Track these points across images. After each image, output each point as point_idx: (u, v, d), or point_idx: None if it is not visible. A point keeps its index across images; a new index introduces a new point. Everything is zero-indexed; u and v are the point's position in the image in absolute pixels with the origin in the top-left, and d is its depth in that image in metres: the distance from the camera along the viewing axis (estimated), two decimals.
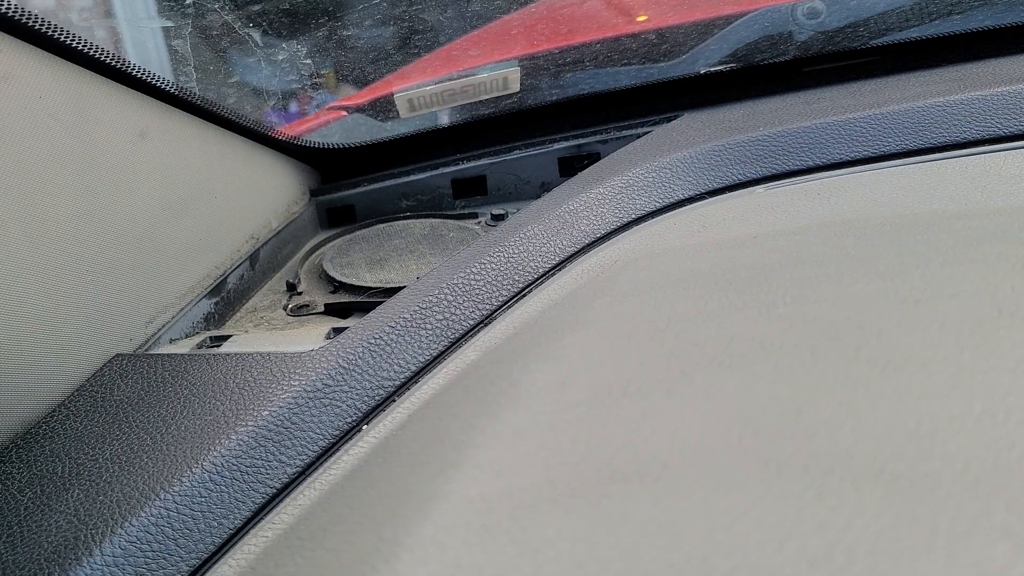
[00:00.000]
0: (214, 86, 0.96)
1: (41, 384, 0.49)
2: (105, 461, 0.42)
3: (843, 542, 0.21)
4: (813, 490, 0.23)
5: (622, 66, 0.91)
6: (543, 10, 1.02)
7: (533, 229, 0.55)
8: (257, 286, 0.74)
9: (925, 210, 0.50)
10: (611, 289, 0.46)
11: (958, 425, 0.24)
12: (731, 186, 0.62)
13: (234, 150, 0.74)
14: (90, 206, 0.54)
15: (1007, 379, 0.26)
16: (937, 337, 0.29)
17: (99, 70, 0.56)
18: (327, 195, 0.88)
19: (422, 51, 0.99)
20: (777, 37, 0.87)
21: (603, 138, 0.83)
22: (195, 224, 0.66)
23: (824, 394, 0.28)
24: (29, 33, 0.50)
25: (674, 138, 0.69)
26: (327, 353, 0.45)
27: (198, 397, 0.45)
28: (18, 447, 0.46)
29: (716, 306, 0.38)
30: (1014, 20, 0.80)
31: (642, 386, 0.32)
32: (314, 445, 0.42)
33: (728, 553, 0.22)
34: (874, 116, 0.62)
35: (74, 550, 0.36)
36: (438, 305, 0.49)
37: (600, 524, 0.24)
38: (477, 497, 0.28)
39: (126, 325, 0.56)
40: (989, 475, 0.22)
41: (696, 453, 0.26)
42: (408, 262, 0.72)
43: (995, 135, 0.59)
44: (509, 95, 0.89)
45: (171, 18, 0.94)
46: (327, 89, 1.02)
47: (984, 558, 0.19)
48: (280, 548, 0.34)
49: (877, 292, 0.34)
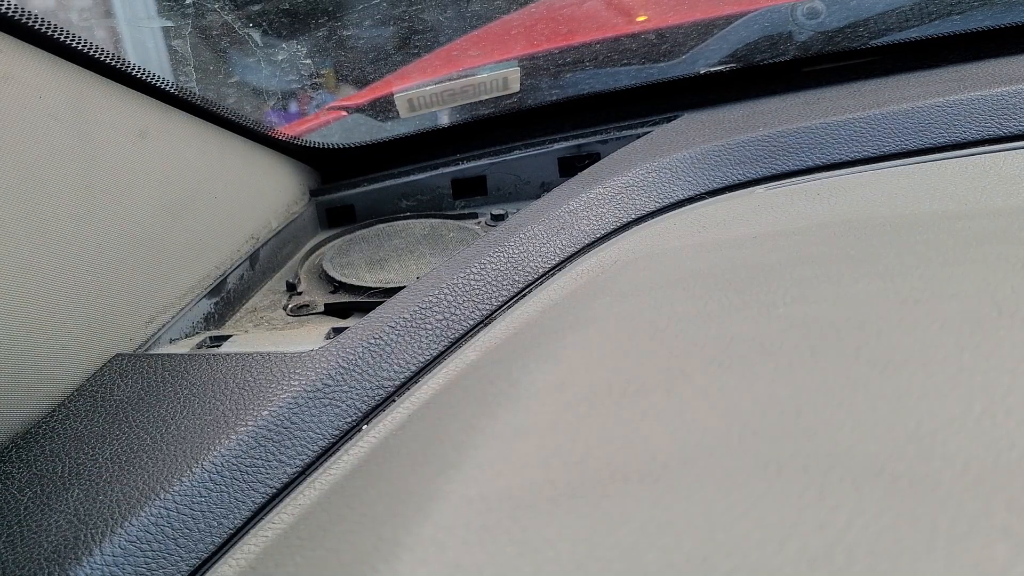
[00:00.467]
0: (214, 86, 0.96)
1: (41, 384, 0.49)
2: (105, 461, 0.42)
3: (843, 542, 0.21)
4: (813, 490, 0.23)
5: (622, 66, 0.91)
6: (543, 10, 1.02)
7: (533, 229, 0.55)
8: (257, 286, 0.74)
9: (925, 210, 0.50)
10: (611, 289, 0.46)
11: (958, 425, 0.24)
12: (731, 186, 0.62)
13: (234, 150, 0.74)
14: (90, 206, 0.54)
15: (1007, 379, 0.26)
16: (937, 337, 0.29)
17: (99, 70, 0.56)
18: (327, 195, 0.88)
19: (422, 51, 0.99)
20: (777, 37, 0.87)
21: (603, 138, 0.83)
22: (195, 224, 0.66)
23: (824, 394, 0.28)
24: (29, 33, 0.50)
25: (674, 138, 0.69)
26: (327, 353, 0.45)
27: (198, 397, 0.45)
28: (18, 447, 0.46)
29: (716, 306, 0.38)
30: (1014, 20, 0.80)
31: (642, 386, 0.32)
32: (314, 445, 0.42)
33: (728, 553, 0.22)
34: (874, 116, 0.62)
35: (74, 550, 0.36)
36: (438, 305, 0.49)
37: (600, 524, 0.24)
38: (477, 497, 0.28)
39: (126, 325, 0.56)
40: (989, 475, 0.22)
41: (696, 453, 0.26)
42: (408, 262, 0.72)
43: (995, 135, 0.59)
44: (509, 95, 0.89)
45: (171, 18, 0.94)
46: (327, 89, 1.02)
47: (984, 558, 0.19)
48: (280, 548, 0.34)
49: (877, 292, 0.34)
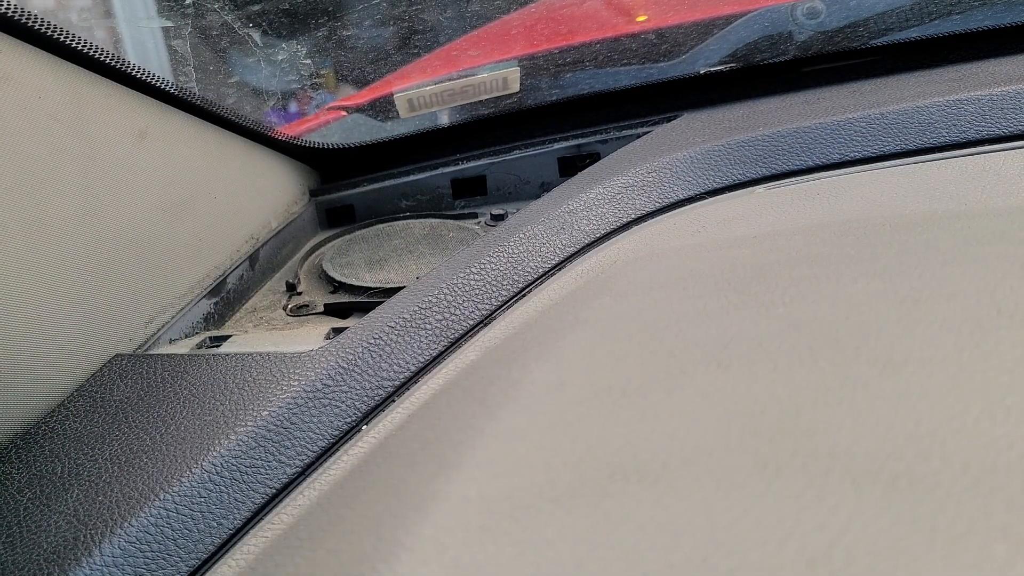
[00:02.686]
0: (214, 86, 0.96)
1: (41, 384, 0.49)
2: (105, 461, 0.42)
3: (843, 542, 0.21)
4: (813, 490, 0.23)
5: (622, 66, 0.91)
6: (543, 10, 1.02)
7: (533, 229, 0.55)
8: (257, 286, 0.74)
9: (925, 210, 0.50)
10: (611, 289, 0.46)
11: (958, 425, 0.24)
12: (731, 186, 0.62)
13: (234, 150, 0.74)
14: (90, 206, 0.54)
15: (1007, 379, 0.26)
16: (937, 337, 0.29)
17: (99, 70, 0.56)
18: (327, 195, 0.88)
19: (422, 51, 0.99)
20: (777, 37, 0.87)
21: (603, 138, 0.83)
22: (195, 224, 0.66)
23: (824, 394, 0.28)
24: (29, 33, 0.50)
25: (674, 138, 0.69)
26: (327, 353, 0.45)
27: (198, 397, 0.45)
28: (18, 447, 0.46)
29: (716, 306, 0.38)
30: (1014, 20, 0.80)
31: (642, 386, 0.32)
32: (314, 445, 0.42)
33: (728, 553, 0.22)
34: (874, 116, 0.62)
35: (73, 550, 0.36)
36: (438, 305, 0.49)
37: (600, 524, 0.24)
38: (477, 497, 0.28)
39: (126, 325, 0.56)
40: (989, 475, 0.22)
41: (696, 453, 0.26)
42: (408, 262, 0.72)
43: (995, 135, 0.59)
44: (509, 95, 0.89)
45: (171, 18, 0.94)
46: (327, 89, 1.02)
47: (984, 558, 0.19)
48: (280, 548, 0.34)
49: (877, 292, 0.34)
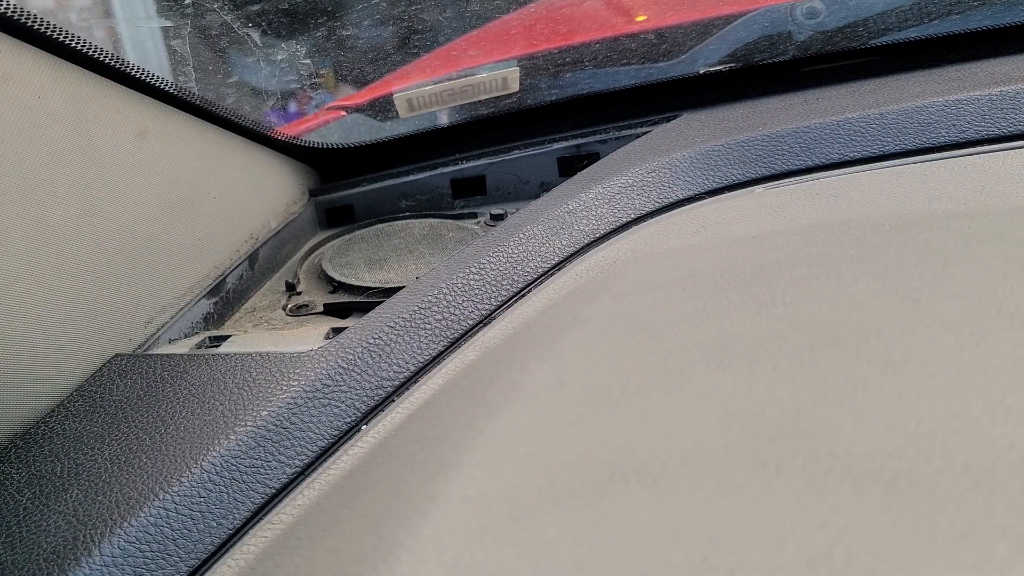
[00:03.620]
0: (214, 86, 0.96)
1: (41, 384, 0.49)
2: (104, 461, 0.42)
3: (843, 542, 0.21)
4: (813, 490, 0.23)
5: (622, 66, 0.91)
6: (543, 10, 1.02)
7: (532, 229, 0.55)
8: (256, 286, 0.74)
9: (925, 210, 0.50)
10: (610, 289, 0.46)
11: (958, 425, 0.24)
12: (730, 186, 0.62)
13: (233, 150, 0.74)
14: (89, 206, 0.54)
15: (1007, 379, 0.26)
16: (937, 337, 0.29)
17: (98, 70, 0.56)
18: (326, 195, 0.88)
19: (421, 51, 0.99)
20: (776, 37, 0.87)
21: (603, 138, 0.83)
22: (194, 224, 0.65)
23: (823, 394, 0.28)
24: (28, 33, 0.50)
25: (674, 138, 0.69)
26: (326, 353, 0.45)
27: (197, 397, 0.45)
28: (17, 447, 0.46)
29: (715, 306, 0.38)
30: (1014, 20, 0.80)
31: (641, 386, 0.32)
32: (313, 445, 0.42)
33: (728, 553, 0.22)
34: (873, 116, 0.62)
35: (73, 550, 0.36)
36: (437, 305, 0.49)
37: (600, 524, 0.24)
38: (477, 497, 0.28)
39: (125, 325, 0.56)
40: (989, 475, 0.22)
41: (696, 453, 0.26)
42: (407, 262, 0.72)
43: (995, 135, 0.59)
44: (508, 95, 0.89)
45: (170, 18, 0.94)
46: (326, 89, 1.02)
47: (984, 558, 0.19)
48: (280, 548, 0.34)
49: (877, 292, 0.34)
